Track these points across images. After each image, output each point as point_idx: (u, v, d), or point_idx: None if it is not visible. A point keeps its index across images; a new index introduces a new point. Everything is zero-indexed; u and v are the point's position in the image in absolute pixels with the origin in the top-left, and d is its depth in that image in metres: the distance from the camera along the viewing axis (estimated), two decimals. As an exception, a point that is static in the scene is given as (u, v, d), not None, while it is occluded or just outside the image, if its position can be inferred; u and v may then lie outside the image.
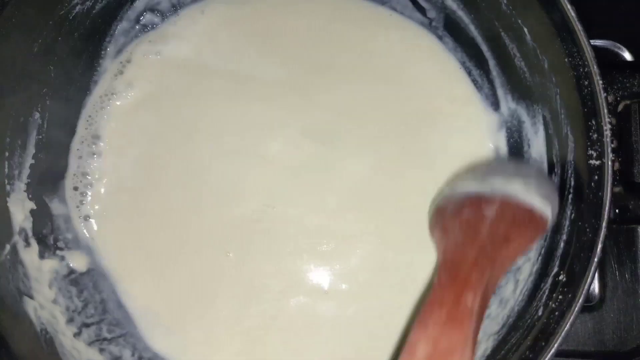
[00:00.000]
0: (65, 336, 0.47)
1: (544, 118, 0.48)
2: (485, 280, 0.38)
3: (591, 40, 0.42)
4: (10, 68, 0.45)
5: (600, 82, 0.41)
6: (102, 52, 0.54)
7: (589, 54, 0.42)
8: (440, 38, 0.55)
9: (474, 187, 0.44)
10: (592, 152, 0.42)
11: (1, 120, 0.46)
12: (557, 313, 0.42)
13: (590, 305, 0.57)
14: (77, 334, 0.49)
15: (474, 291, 0.37)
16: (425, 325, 0.37)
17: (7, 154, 0.47)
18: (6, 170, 0.47)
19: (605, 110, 0.41)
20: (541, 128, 0.49)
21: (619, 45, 0.60)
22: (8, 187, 0.47)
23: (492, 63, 0.53)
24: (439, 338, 0.36)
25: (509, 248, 0.41)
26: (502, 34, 0.49)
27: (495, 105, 0.54)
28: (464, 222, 0.42)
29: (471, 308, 0.37)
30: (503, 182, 0.43)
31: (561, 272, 0.43)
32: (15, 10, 0.43)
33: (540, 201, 0.42)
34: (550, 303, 0.43)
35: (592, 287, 0.57)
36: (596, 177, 0.42)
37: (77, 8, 0.49)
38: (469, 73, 0.55)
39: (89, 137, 0.53)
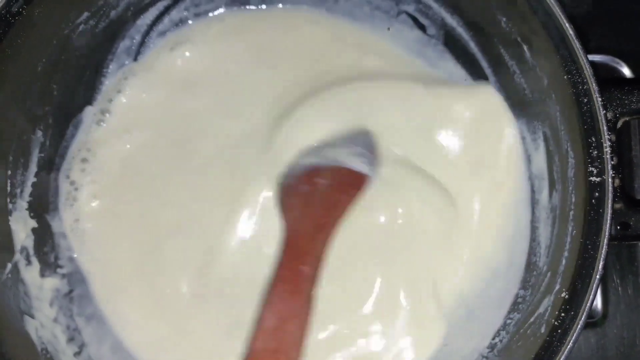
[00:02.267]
0: (66, 355, 0.47)
1: (545, 134, 0.48)
2: (322, 248, 0.44)
3: (590, 56, 0.42)
4: (15, 87, 0.46)
5: (599, 99, 0.42)
6: (105, 70, 0.54)
7: (588, 71, 0.42)
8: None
9: (308, 159, 0.49)
10: (593, 168, 0.42)
11: (5, 138, 0.46)
12: (559, 331, 0.42)
13: (593, 322, 0.57)
14: (77, 354, 0.48)
15: (311, 262, 0.43)
16: (271, 303, 0.42)
17: (9, 172, 0.47)
18: (8, 188, 0.47)
19: (605, 127, 0.42)
20: (542, 144, 0.49)
21: (618, 60, 0.60)
22: (10, 205, 0.47)
23: (492, 79, 0.53)
24: (283, 310, 0.42)
25: (337, 210, 0.46)
26: (502, 50, 0.50)
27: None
28: (302, 197, 0.47)
29: (309, 275, 0.43)
30: (331, 150, 0.49)
31: (563, 289, 0.43)
32: (20, 30, 0.44)
33: (359, 161, 0.48)
34: (553, 320, 0.43)
35: (594, 303, 0.57)
36: (597, 194, 0.42)
37: (81, 27, 0.49)
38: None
39: (87, 156, 0.53)
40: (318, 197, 0.47)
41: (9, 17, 0.43)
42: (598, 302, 0.57)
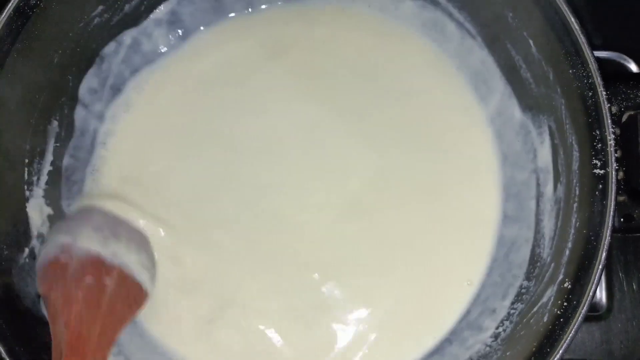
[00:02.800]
0: (80, 339, 0.49)
1: (550, 128, 0.49)
2: (106, 352, 0.42)
3: (597, 52, 0.43)
4: (33, 78, 0.47)
5: (604, 93, 0.42)
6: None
7: (593, 65, 0.43)
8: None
9: (96, 246, 0.45)
10: (597, 161, 0.43)
11: (23, 128, 0.48)
12: (561, 320, 0.43)
13: (598, 315, 0.57)
14: (91, 337, 0.50)
15: None
16: None
17: (27, 160, 0.48)
18: (25, 176, 0.48)
19: (609, 121, 0.42)
20: (547, 138, 0.49)
21: (624, 56, 0.61)
22: (27, 192, 0.49)
23: (498, 73, 0.53)
24: None
25: (122, 322, 0.45)
26: (508, 45, 0.50)
27: (502, 115, 0.54)
28: (86, 290, 0.44)
29: None
30: (124, 251, 0.46)
31: (566, 279, 0.44)
32: (38, 22, 0.45)
33: (148, 277, 0.47)
34: (556, 310, 0.43)
35: (599, 296, 0.57)
36: (600, 186, 0.43)
37: (96, 20, 0.50)
38: (476, 83, 0.56)
39: (102, 145, 0.54)
40: (105, 301, 0.44)
41: (27, 9, 0.45)
42: (603, 297, 0.57)
